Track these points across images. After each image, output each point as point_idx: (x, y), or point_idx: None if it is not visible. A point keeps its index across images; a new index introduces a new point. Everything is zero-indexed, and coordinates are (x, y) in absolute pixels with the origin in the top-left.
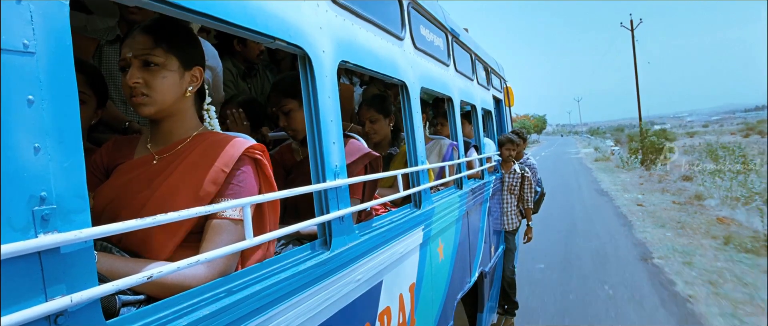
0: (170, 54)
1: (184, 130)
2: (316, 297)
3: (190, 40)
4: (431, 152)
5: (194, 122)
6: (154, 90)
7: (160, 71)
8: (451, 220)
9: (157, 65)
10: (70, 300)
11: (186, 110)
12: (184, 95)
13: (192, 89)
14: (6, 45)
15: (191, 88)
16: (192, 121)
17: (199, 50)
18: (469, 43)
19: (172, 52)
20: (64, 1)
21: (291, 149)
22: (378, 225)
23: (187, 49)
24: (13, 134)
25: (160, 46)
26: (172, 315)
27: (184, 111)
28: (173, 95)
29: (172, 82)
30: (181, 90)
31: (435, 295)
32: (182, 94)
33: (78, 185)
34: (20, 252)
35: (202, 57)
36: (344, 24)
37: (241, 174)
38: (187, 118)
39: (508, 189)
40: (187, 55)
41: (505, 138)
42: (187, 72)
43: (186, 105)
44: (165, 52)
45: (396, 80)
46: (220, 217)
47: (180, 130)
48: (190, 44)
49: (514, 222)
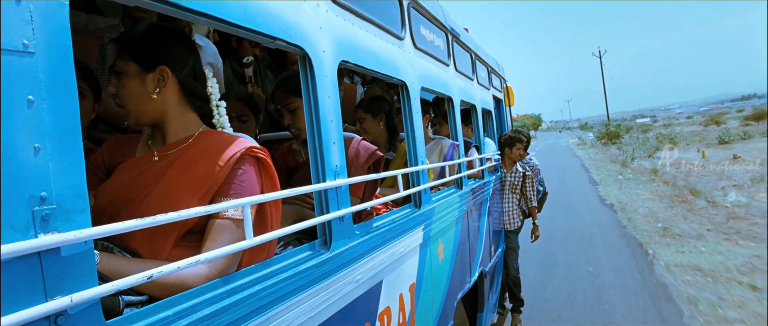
0: (130, 60)
1: (183, 129)
2: (316, 297)
3: (151, 41)
4: (432, 152)
5: (192, 121)
6: (123, 99)
7: (123, 80)
8: (451, 220)
9: (121, 74)
10: (70, 301)
11: (170, 111)
12: (151, 98)
13: (158, 90)
14: (6, 45)
15: (157, 89)
16: (188, 120)
17: (163, 49)
18: (470, 43)
19: (132, 58)
20: (64, 1)
21: (293, 150)
22: (378, 226)
23: (146, 50)
24: (13, 134)
25: (122, 55)
26: (173, 315)
27: (169, 112)
28: (139, 101)
29: (133, 89)
30: (146, 94)
31: (435, 295)
32: (149, 98)
33: (78, 185)
34: (20, 252)
35: (168, 55)
36: (344, 24)
37: (242, 174)
38: (178, 119)
39: (509, 188)
40: (147, 57)
41: (514, 137)
42: (149, 74)
43: (166, 107)
44: (125, 59)
45: (396, 80)
46: (222, 217)
47: (178, 129)
48: (150, 45)
49: (516, 222)
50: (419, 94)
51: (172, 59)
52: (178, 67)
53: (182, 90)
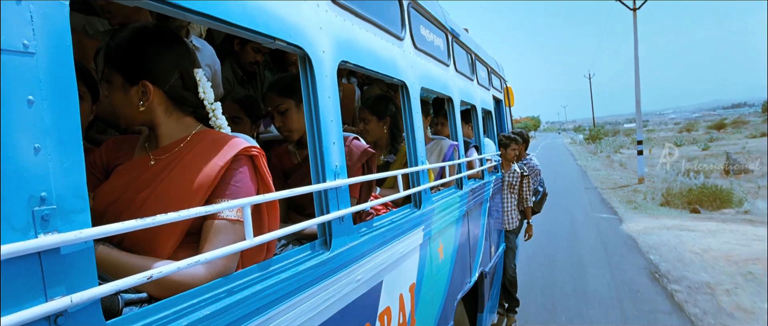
0: (114, 71)
1: (178, 131)
2: (316, 297)
3: (134, 52)
4: (432, 152)
5: (186, 123)
6: (112, 106)
7: (111, 88)
8: (452, 220)
9: (109, 82)
10: (70, 301)
11: (160, 119)
12: (137, 109)
13: (143, 103)
14: (6, 45)
15: (142, 102)
16: (181, 123)
17: (144, 62)
18: (469, 43)
19: (115, 68)
20: (64, 2)
21: (288, 152)
22: (378, 226)
23: (129, 63)
24: (13, 134)
25: (108, 62)
26: (173, 315)
27: (158, 120)
28: (128, 111)
29: (119, 99)
30: (132, 105)
31: (435, 295)
32: (136, 109)
33: (78, 185)
34: (20, 252)
35: (150, 68)
36: (344, 24)
37: (238, 174)
38: (171, 124)
39: (508, 188)
40: (130, 70)
41: (509, 138)
42: (132, 87)
43: (154, 116)
44: (111, 68)
45: (396, 80)
46: (218, 218)
47: (172, 132)
48: (133, 56)
49: (515, 222)
50: (419, 94)
51: (154, 72)
52: (161, 80)
53: (170, 99)
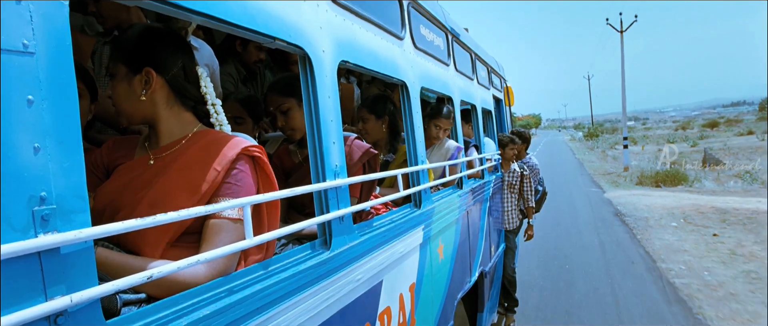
0: (119, 62)
1: (178, 129)
2: (316, 297)
3: (139, 43)
4: (438, 152)
5: (186, 120)
6: (115, 100)
7: (114, 82)
8: (451, 220)
9: (113, 76)
10: (70, 300)
11: (160, 112)
12: (139, 99)
13: (145, 92)
14: (6, 45)
15: (144, 91)
16: (182, 119)
17: (149, 50)
18: (470, 43)
19: (120, 60)
20: (64, 1)
21: (289, 151)
22: (378, 225)
23: (133, 51)
24: (13, 134)
25: (114, 56)
26: (173, 315)
27: (159, 113)
28: (129, 102)
29: (122, 90)
30: (135, 95)
31: (435, 295)
32: (138, 99)
33: (78, 185)
34: (20, 252)
35: (154, 56)
36: (344, 24)
37: (238, 173)
38: (171, 119)
39: (508, 188)
40: (133, 58)
41: (508, 138)
42: (136, 76)
43: (156, 108)
44: (115, 61)
45: (396, 80)
46: (219, 217)
47: (172, 129)
48: (138, 47)
49: (515, 221)
50: (419, 94)
51: (158, 61)
52: (164, 68)
53: (172, 91)
